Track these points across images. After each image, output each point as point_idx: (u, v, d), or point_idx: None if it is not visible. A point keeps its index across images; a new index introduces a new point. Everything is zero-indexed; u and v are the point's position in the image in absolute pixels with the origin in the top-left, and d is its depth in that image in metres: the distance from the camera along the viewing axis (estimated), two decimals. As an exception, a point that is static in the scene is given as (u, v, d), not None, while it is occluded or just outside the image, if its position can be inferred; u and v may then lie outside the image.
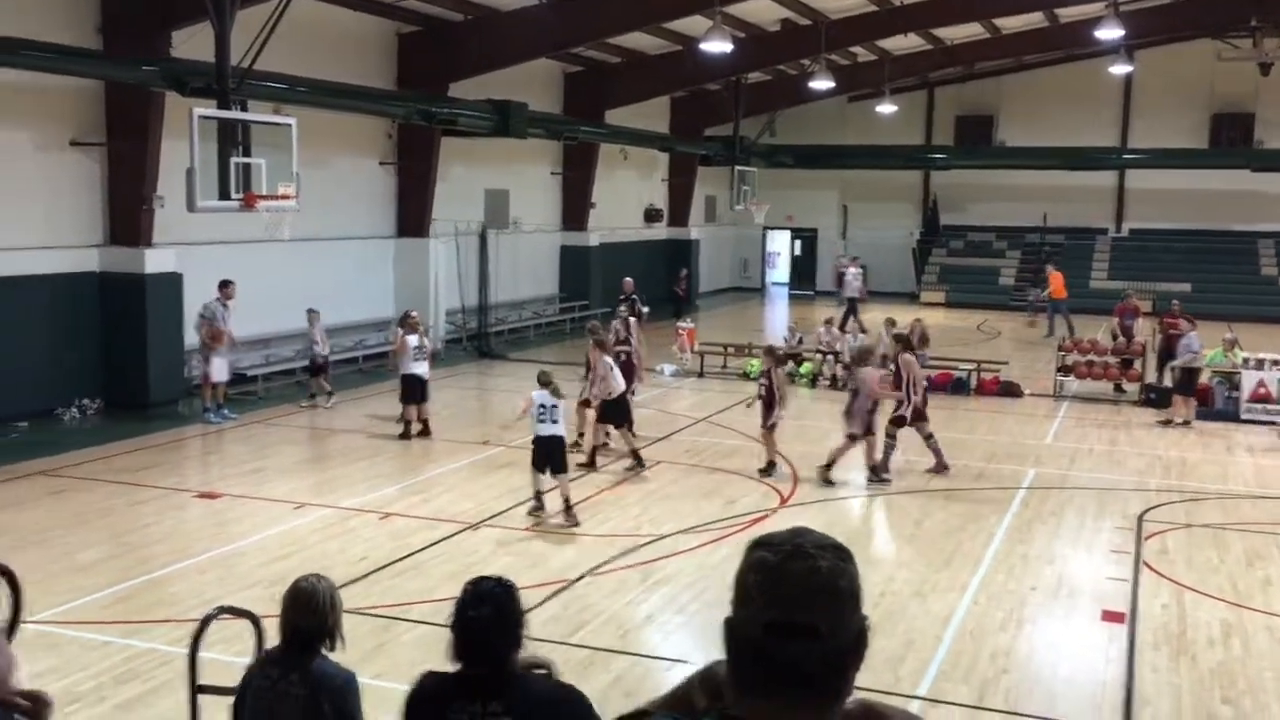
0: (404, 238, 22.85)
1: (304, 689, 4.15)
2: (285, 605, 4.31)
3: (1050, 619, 9.22)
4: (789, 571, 1.71)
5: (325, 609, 4.26)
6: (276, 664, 4.29)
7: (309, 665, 4.21)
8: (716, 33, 20.01)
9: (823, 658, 1.70)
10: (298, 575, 4.52)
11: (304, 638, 4.25)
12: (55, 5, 15.42)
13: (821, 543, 1.76)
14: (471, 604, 3.57)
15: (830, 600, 1.71)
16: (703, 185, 35.71)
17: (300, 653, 4.24)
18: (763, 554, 1.74)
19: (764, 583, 1.71)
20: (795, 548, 1.73)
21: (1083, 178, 35.14)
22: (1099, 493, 13.25)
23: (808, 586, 1.70)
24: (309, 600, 4.27)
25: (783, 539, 1.76)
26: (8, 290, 15.23)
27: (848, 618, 1.73)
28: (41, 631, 8.00)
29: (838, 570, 1.73)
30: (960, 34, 30.73)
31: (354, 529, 11.24)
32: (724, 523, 11.61)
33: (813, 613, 1.69)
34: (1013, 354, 23.91)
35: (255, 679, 4.31)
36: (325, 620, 4.26)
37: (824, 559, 1.73)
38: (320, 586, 4.31)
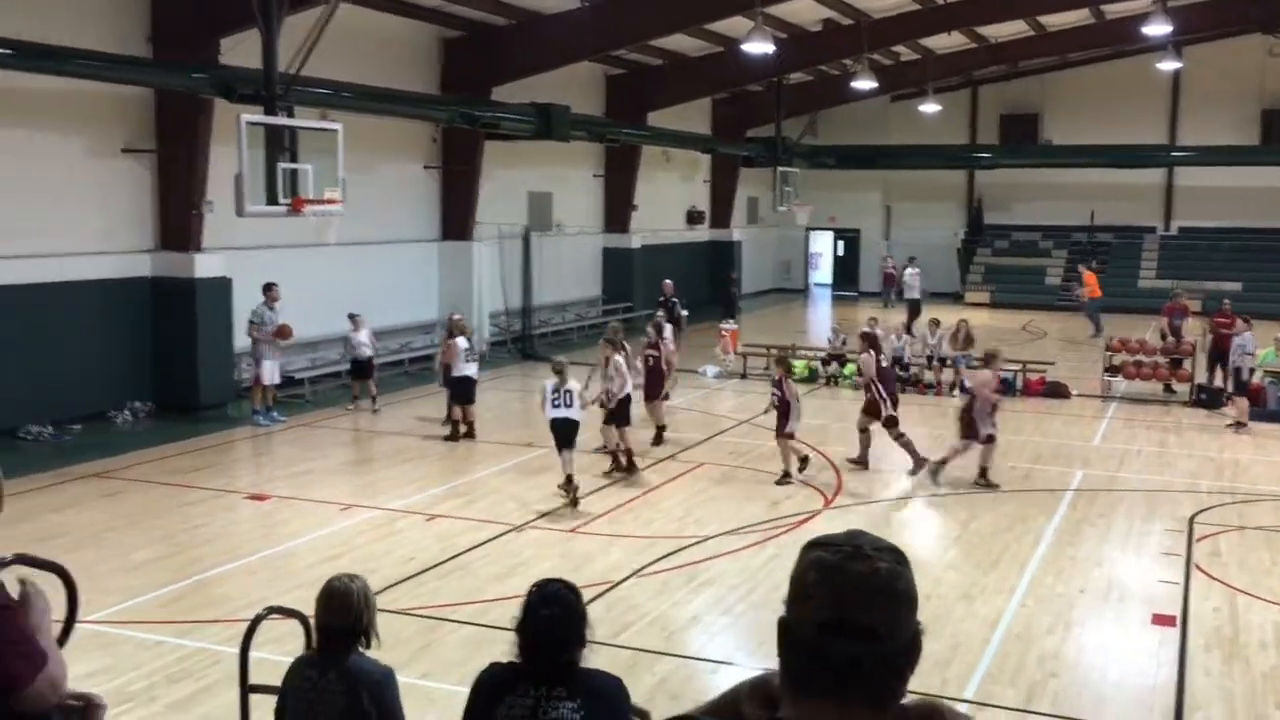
0: (448, 241, 23.02)
1: (343, 686, 4.20)
2: (319, 606, 4.35)
3: (1099, 622, 9.12)
4: (847, 571, 1.71)
5: (360, 608, 4.30)
6: (314, 665, 4.33)
7: (346, 663, 4.26)
8: (758, 33, 19.98)
9: (879, 659, 1.70)
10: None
11: (339, 637, 4.30)
12: (106, 15, 15.69)
13: (879, 545, 1.76)
14: (542, 605, 3.76)
15: (888, 602, 1.72)
16: (745, 187, 35.65)
17: (337, 652, 4.29)
18: (820, 554, 1.74)
19: (822, 582, 1.71)
20: (854, 548, 1.74)
21: (1130, 176, 34.68)
22: (1149, 494, 13.09)
23: (866, 587, 1.70)
24: (343, 600, 4.31)
25: (841, 540, 1.77)
26: (62, 295, 15.51)
27: (904, 620, 1.73)
28: (95, 631, 8.14)
29: (895, 572, 1.73)
30: (1004, 31, 30.44)
31: (401, 530, 11.34)
32: (768, 524, 11.59)
33: (871, 613, 1.69)
34: (1059, 354, 23.66)
35: (294, 680, 4.35)
36: (360, 619, 4.30)
37: (883, 561, 1.73)
38: (354, 586, 4.35)
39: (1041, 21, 29.82)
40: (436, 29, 21.84)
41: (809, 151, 33.41)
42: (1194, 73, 34.05)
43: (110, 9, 15.81)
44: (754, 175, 34.42)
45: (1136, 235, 36.58)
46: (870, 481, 13.73)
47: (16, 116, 14.93)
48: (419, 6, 20.49)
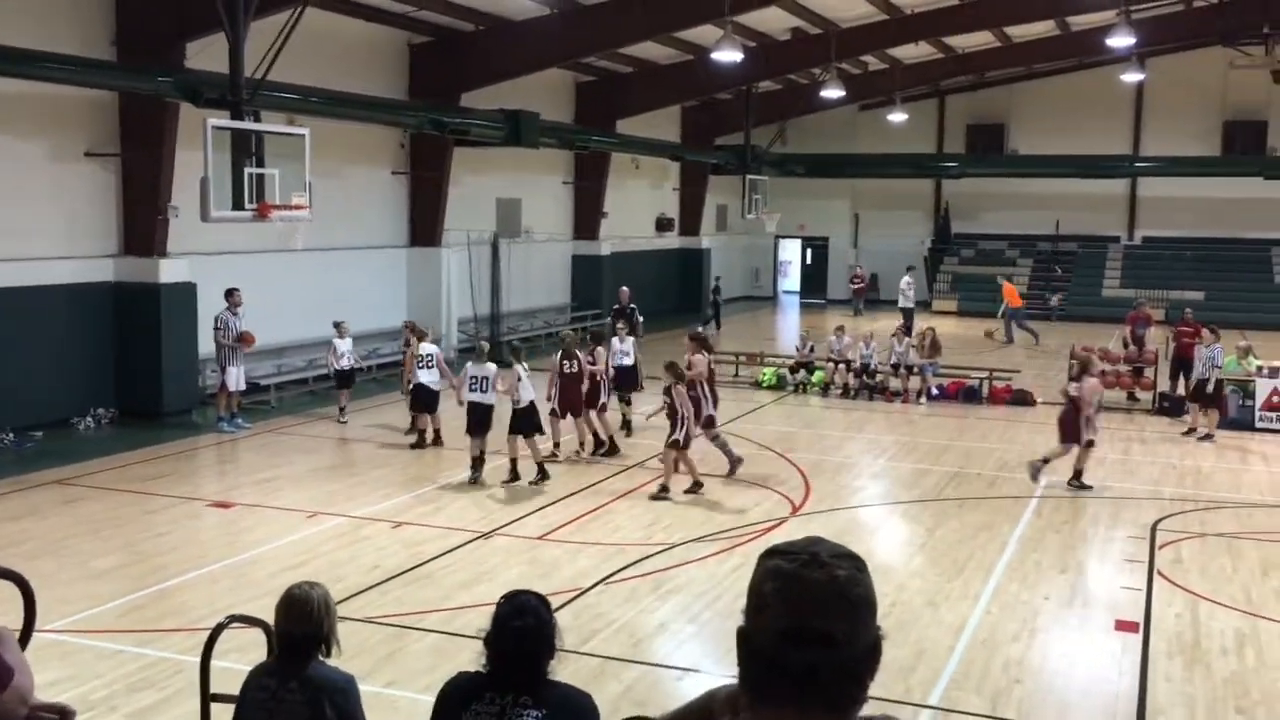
0: (416, 247, 22.94)
1: (304, 695, 4.16)
2: (279, 614, 4.31)
3: (1063, 629, 9.18)
4: (805, 579, 1.71)
5: (320, 615, 4.26)
6: (273, 674, 4.27)
7: (307, 672, 4.22)
8: (727, 42, 20.05)
9: (838, 666, 1.70)
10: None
11: (300, 646, 4.25)
12: (70, 18, 15.54)
13: (837, 551, 1.76)
14: (513, 617, 3.76)
15: (846, 608, 1.71)
16: (714, 194, 35.73)
17: (297, 660, 4.24)
18: (778, 562, 1.74)
19: (780, 591, 1.71)
20: (811, 556, 1.74)
21: (1095, 185, 35.07)
22: (1112, 501, 13.20)
23: (824, 594, 1.70)
24: (303, 608, 4.26)
25: (799, 547, 1.76)
26: (24, 300, 15.33)
27: (863, 626, 1.73)
28: (55, 640, 8.04)
29: (853, 579, 1.73)
30: (971, 42, 30.74)
31: (367, 538, 11.26)
32: (735, 532, 11.61)
33: (828, 620, 1.69)
34: (1025, 362, 23.84)
35: (252, 690, 4.29)
36: (320, 627, 4.26)
37: (841, 568, 1.73)
38: (314, 594, 4.31)
39: (1008, 32, 30.10)
40: (404, 34, 21.77)
41: (778, 160, 33.55)
42: (1157, 84, 34.48)
43: (75, 12, 15.65)
44: (723, 183, 34.51)
45: (1101, 245, 36.97)
46: (837, 488, 13.77)
47: (-23, 119, 14.75)
48: (386, 11, 20.42)
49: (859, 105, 35.75)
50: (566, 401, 14.79)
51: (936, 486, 13.81)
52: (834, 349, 20.62)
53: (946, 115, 38.40)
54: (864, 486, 14.11)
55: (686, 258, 34.65)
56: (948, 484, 13.94)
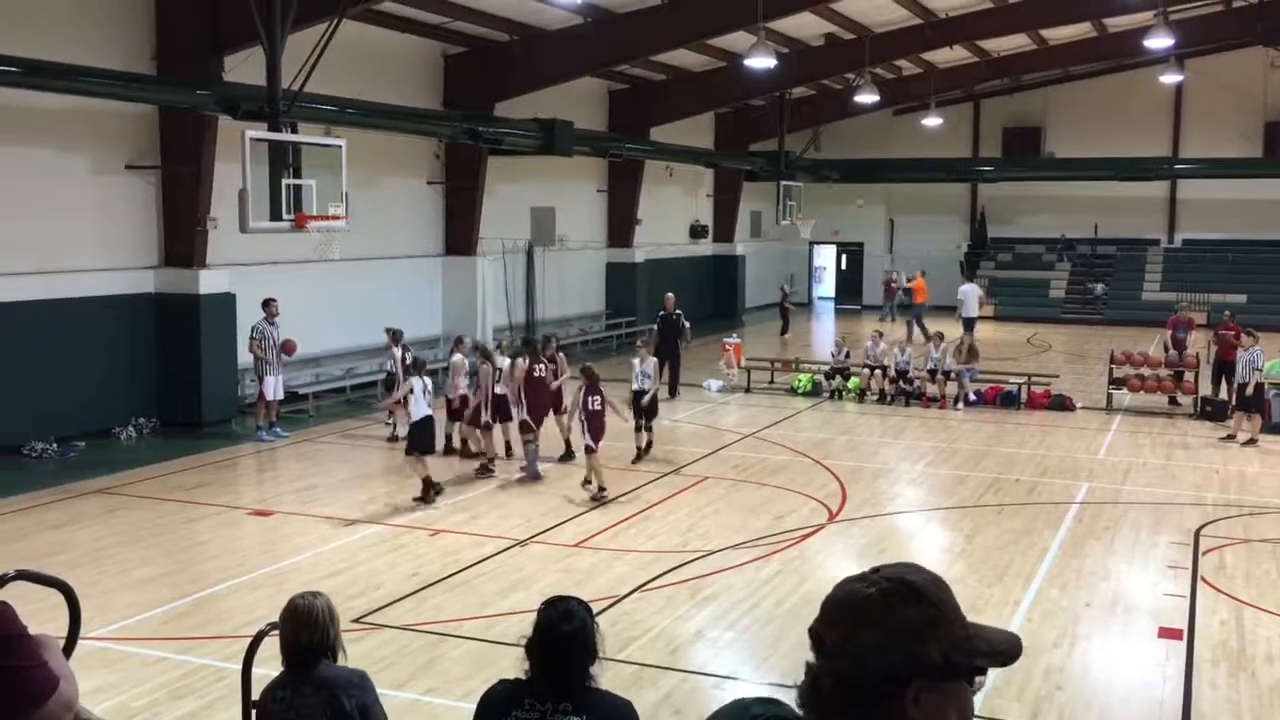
0: (452, 256, 23.05)
1: (321, 696, 4.18)
2: (285, 626, 4.32)
3: (1105, 636, 9.08)
4: (838, 587, 1.72)
5: (324, 623, 4.29)
6: (285, 685, 4.28)
7: (317, 673, 4.24)
8: (761, 48, 20.02)
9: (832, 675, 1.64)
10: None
11: (306, 654, 4.28)
12: (111, 33, 15.76)
13: (890, 574, 1.70)
14: (558, 622, 3.76)
15: (849, 619, 1.65)
16: (748, 201, 35.70)
17: (305, 668, 4.27)
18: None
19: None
20: (869, 571, 1.71)
21: (1133, 188, 34.70)
22: (1154, 507, 13.05)
23: (835, 601, 1.69)
24: (307, 616, 4.29)
25: (881, 566, 1.73)
26: (67, 312, 15.54)
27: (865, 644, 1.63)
28: (98, 648, 8.12)
29: (875, 598, 1.66)
30: (1006, 45, 30.54)
31: (404, 546, 11.31)
32: (772, 538, 11.56)
33: (825, 624, 1.67)
34: (1064, 367, 23.63)
35: (269, 704, 4.31)
36: (326, 634, 4.29)
37: (873, 586, 1.67)
38: (317, 603, 4.34)
39: (1044, 35, 29.89)
40: (440, 45, 21.91)
41: (812, 165, 33.47)
42: (1196, 85, 34.10)
43: (115, 27, 15.88)
44: (757, 189, 34.48)
45: (1140, 248, 36.59)
46: (875, 494, 13.70)
47: (22, 133, 14.98)
48: (422, 23, 20.56)
49: (893, 110, 35.60)
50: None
51: (975, 492, 13.71)
52: (870, 354, 20.52)
53: (982, 119, 38.16)
54: (901, 493, 14.02)
55: (721, 264, 34.61)
56: (986, 490, 13.83)
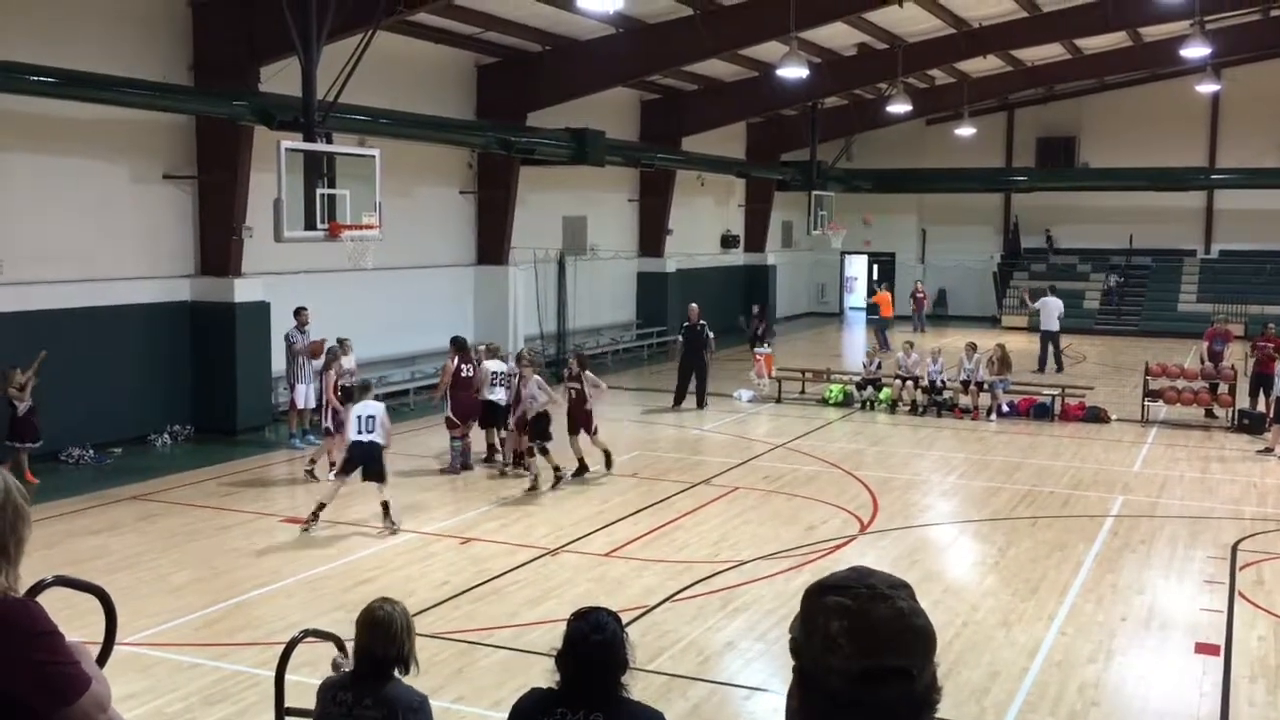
0: (483, 265, 23.15)
1: (379, 712, 4.20)
2: (360, 631, 4.35)
3: (1141, 651, 8.97)
4: (875, 614, 1.67)
5: (401, 634, 4.31)
6: (350, 688, 4.32)
7: (383, 690, 4.26)
8: (793, 58, 19.99)
9: (913, 700, 1.67)
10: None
11: (379, 663, 4.30)
12: (150, 44, 15.96)
13: (892, 581, 1.72)
14: (589, 632, 3.76)
15: (916, 641, 1.69)
16: (779, 210, 35.65)
17: (374, 678, 4.29)
18: (837, 599, 1.69)
19: (850, 630, 1.66)
20: (869, 589, 1.69)
21: (1169, 199, 34.40)
22: (1191, 521, 12.89)
23: (896, 628, 1.67)
24: (385, 628, 4.31)
25: (851, 581, 1.71)
26: (105, 320, 15.73)
27: (930, 656, 1.70)
28: (133, 653, 8.18)
29: (916, 610, 1.70)
30: (1041, 55, 30.35)
31: (435, 553, 11.35)
32: (804, 549, 11.52)
33: (903, 656, 1.66)
34: (1098, 379, 23.42)
35: (328, 703, 4.35)
36: (401, 646, 4.31)
37: (901, 599, 1.69)
38: (395, 613, 4.35)
39: (1078, 44, 29.69)
40: (473, 55, 22.04)
41: (844, 175, 33.39)
42: (1233, 95, 33.76)
43: (153, 38, 16.08)
44: (789, 199, 34.43)
45: (1176, 258, 36.22)
46: (906, 506, 13.62)
47: (61, 143, 15.19)
48: (455, 34, 20.69)
49: (926, 120, 35.47)
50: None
51: (1008, 505, 13.60)
52: (901, 365, 20.41)
53: (1015, 129, 37.93)
54: (933, 504, 13.94)
55: (752, 274, 34.57)
56: (1020, 502, 13.72)
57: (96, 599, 2.88)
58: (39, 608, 2.43)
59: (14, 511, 2.43)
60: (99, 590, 2.89)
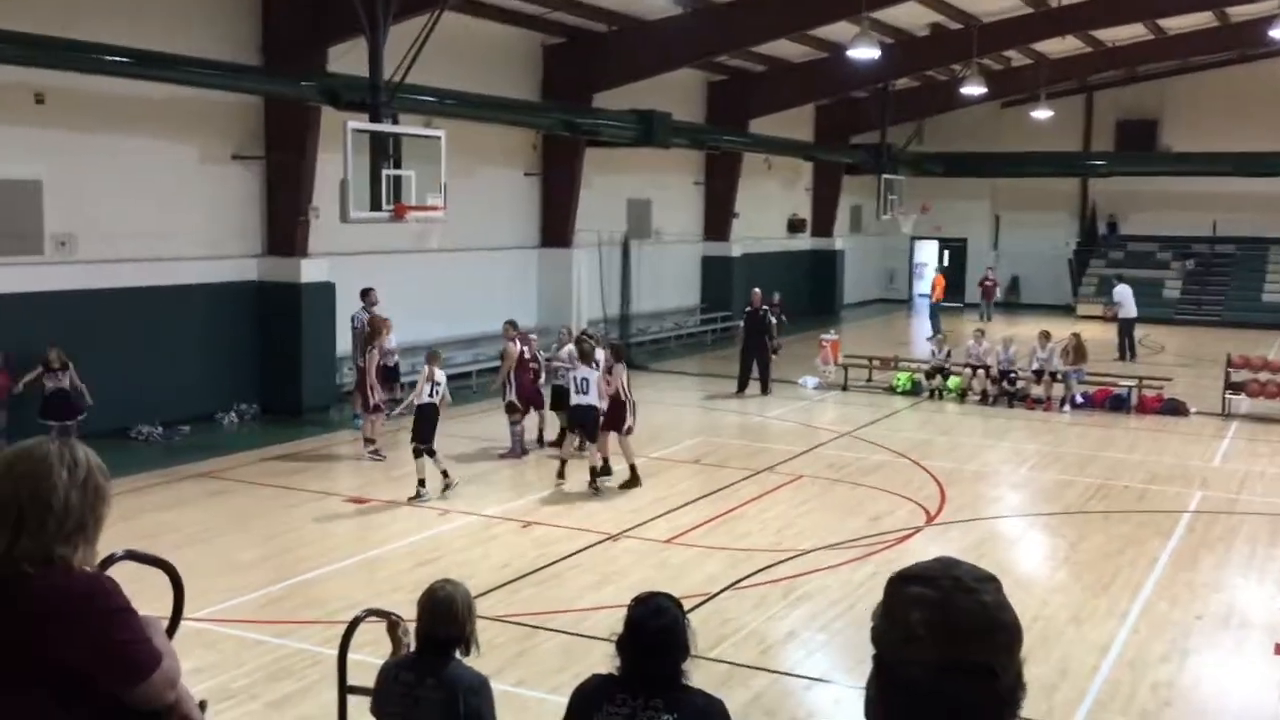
0: (548, 248, 23.12)
1: (441, 694, 4.20)
2: (422, 612, 4.35)
3: (1217, 651, 8.70)
4: (956, 608, 1.61)
5: (463, 616, 4.31)
6: (411, 669, 4.33)
7: (445, 670, 4.27)
8: (864, 39, 19.64)
9: (996, 697, 1.63)
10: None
11: (441, 644, 4.30)
12: (220, 25, 16.09)
13: (978, 574, 1.68)
14: (649, 618, 3.75)
15: (1003, 637, 1.64)
16: (848, 194, 35.19)
17: (436, 658, 4.30)
18: (919, 589, 1.64)
19: (930, 621, 1.61)
20: (954, 581, 1.64)
21: (1255, 185, 33.30)
22: (1272, 518, 12.46)
23: (978, 624, 1.61)
24: (448, 608, 4.31)
25: (936, 572, 1.67)
26: (174, 299, 15.93)
27: (1016, 654, 1.66)
28: (199, 629, 8.26)
29: (1001, 604, 1.66)
30: (1122, 35, 29.51)
31: (497, 536, 11.34)
32: (869, 540, 11.32)
33: (987, 651, 1.61)
34: (1177, 370, 22.81)
35: (389, 684, 4.36)
36: (463, 628, 4.31)
37: (986, 592, 1.65)
38: (457, 594, 4.35)
39: (1161, 25, 28.85)
40: (539, 35, 21.97)
41: (915, 158, 32.84)
42: (1324, 77, 32.61)
43: (224, 19, 16.21)
44: (858, 183, 33.96)
45: (1262, 247, 35.12)
46: (975, 498, 13.34)
47: (133, 124, 15.38)
48: (521, 14, 20.63)
49: (1001, 102, 34.72)
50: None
51: (1081, 498, 13.26)
52: (971, 353, 20.02)
53: (1095, 111, 37.00)
54: (1002, 496, 13.64)
55: (819, 259, 34.20)
56: (1093, 496, 13.37)
57: (165, 574, 2.88)
58: (113, 583, 2.44)
59: (95, 491, 2.45)
60: (167, 565, 2.90)
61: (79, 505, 2.40)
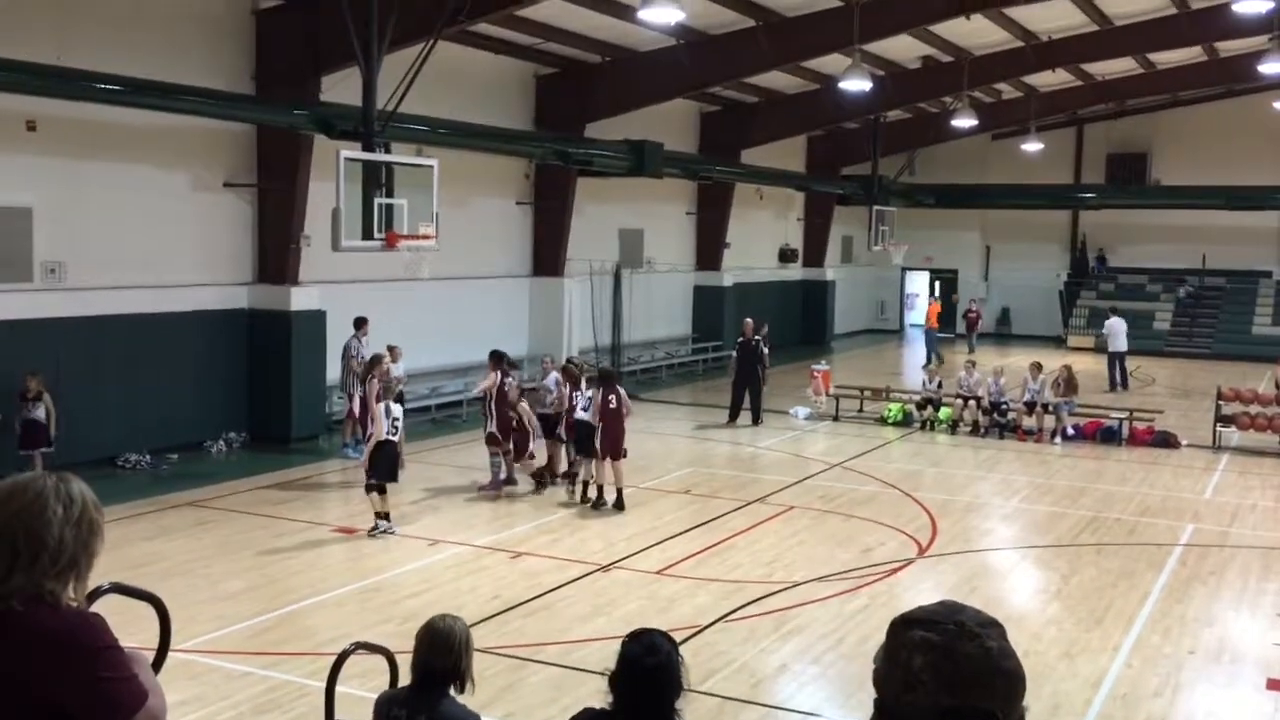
0: (539, 277, 23.12)
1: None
2: (420, 644, 4.32)
3: (1210, 685, 8.66)
4: (959, 654, 1.59)
5: (460, 650, 4.28)
6: (404, 704, 4.29)
7: (437, 706, 4.22)
8: (856, 71, 19.77)
9: None
10: (431, 612, 4.52)
11: (436, 678, 4.26)
12: (213, 53, 16.11)
13: (981, 619, 1.66)
14: (643, 655, 3.71)
15: (1005, 684, 1.61)
16: (839, 225, 35.32)
17: (430, 692, 4.25)
18: (923, 634, 1.62)
19: (934, 666, 1.59)
20: (958, 625, 1.62)
21: (1244, 218, 33.50)
22: (1264, 552, 12.44)
23: (982, 671, 1.59)
24: (445, 641, 4.29)
25: (941, 616, 1.65)
26: (164, 326, 15.87)
27: (1019, 700, 1.64)
28: (185, 660, 8.16)
29: (1005, 650, 1.64)
30: (1112, 69, 29.74)
31: (486, 567, 11.27)
32: (860, 572, 11.26)
33: (992, 699, 1.59)
34: (1168, 402, 22.84)
35: (383, 718, 4.32)
36: (459, 662, 4.28)
37: (990, 639, 1.63)
38: (456, 627, 4.33)
39: (1151, 59, 29.08)
40: (532, 66, 22.06)
41: (906, 190, 32.97)
42: (1312, 112, 32.83)
43: (217, 47, 16.24)
44: (849, 214, 34.09)
45: (1251, 279, 35.29)
46: (966, 529, 13.30)
47: (125, 151, 15.37)
48: (515, 44, 20.72)
49: (991, 134, 34.94)
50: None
51: (1073, 531, 13.23)
52: (962, 385, 20.02)
53: (1085, 144, 37.23)
54: (994, 529, 13.61)
55: (810, 290, 34.27)
56: (1084, 528, 13.34)
57: (152, 607, 2.86)
58: (101, 620, 2.42)
59: (89, 527, 2.44)
60: (154, 598, 2.88)
61: (73, 542, 2.39)
